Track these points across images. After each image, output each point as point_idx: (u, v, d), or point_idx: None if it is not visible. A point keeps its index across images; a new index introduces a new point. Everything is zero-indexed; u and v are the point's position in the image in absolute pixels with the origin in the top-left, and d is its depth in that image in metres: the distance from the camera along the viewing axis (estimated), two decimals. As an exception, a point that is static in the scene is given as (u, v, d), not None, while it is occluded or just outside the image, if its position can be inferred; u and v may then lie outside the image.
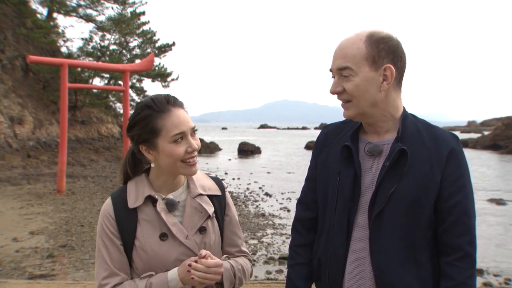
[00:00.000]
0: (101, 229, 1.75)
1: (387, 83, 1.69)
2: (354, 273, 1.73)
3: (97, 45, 26.93)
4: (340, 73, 1.70)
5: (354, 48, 1.67)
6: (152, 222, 1.75)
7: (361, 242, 1.73)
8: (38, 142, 21.25)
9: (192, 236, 1.78)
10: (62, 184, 13.48)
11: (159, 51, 27.80)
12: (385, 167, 1.68)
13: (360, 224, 1.73)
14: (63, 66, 13.76)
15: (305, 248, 1.95)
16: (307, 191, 1.99)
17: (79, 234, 8.63)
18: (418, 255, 1.67)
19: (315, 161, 1.96)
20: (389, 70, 1.67)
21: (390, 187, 1.65)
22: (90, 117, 26.80)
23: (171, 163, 1.73)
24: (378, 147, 1.74)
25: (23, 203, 11.76)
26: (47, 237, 8.40)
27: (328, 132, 1.97)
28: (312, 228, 1.96)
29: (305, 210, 1.99)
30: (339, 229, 1.76)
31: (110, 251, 1.73)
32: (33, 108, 21.93)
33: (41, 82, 24.37)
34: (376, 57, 1.66)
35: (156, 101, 1.73)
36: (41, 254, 7.28)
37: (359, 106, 1.70)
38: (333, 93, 1.74)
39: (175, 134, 1.69)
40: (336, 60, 1.71)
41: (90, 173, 18.72)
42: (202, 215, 1.83)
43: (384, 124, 1.76)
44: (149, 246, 1.72)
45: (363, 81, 1.67)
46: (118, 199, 1.79)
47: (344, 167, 1.77)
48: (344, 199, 1.75)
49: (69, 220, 9.80)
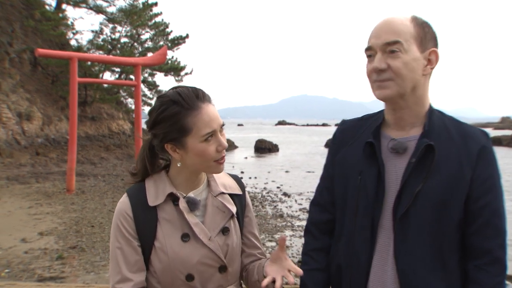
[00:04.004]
0: (117, 228, 1.72)
1: (431, 68, 1.68)
2: (378, 279, 1.71)
3: (108, 38, 27.21)
4: (385, 49, 1.65)
5: (402, 24, 1.64)
6: (173, 221, 1.72)
7: (386, 247, 1.70)
8: (47, 139, 21.52)
9: (215, 237, 1.75)
10: (71, 183, 13.61)
11: (172, 43, 27.88)
12: (410, 164, 1.65)
13: (385, 226, 1.70)
14: (72, 60, 13.87)
15: (320, 253, 1.93)
16: (323, 191, 1.97)
17: (90, 235, 8.70)
18: (446, 259, 1.65)
19: (332, 159, 1.94)
20: (435, 54, 1.67)
21: (416, 186, 1.62)
22: (100, 113, 27.05)
23: (200, 162, 1.71)
24: (403, 143, 1.71)
25: (31, 202, 11.90)
26: (57, 238, 8.49)
27: (345, 129, 1.95)
28: (328, 232, 1.94)
29: (320, 212, 1.96)
30: (362, 232, 1.73)
31: (126, 253, 1.69)
32: (41, 104, 22.20)
33: (50, 76, 24.65)
34: (423, 39, 1.65)
35: (185, 97, 1.67)
36: (51, 256, 7.36)
37: (402, 86, 1.65)
38: (376, 70, 1.67)
39: (205, 133, 1.66)
40: (383, 34, 1.65)
41: (100, 171, 18.84)
42: (225, 215, 1.80)
43: (410, 117, 1.73)
44: (170, 247, 1.69)
45: (412, 60, 1.64)
46: (136, 197, 1.75)
47: (366, 166, 1.75)
48: (367, 200, 1.72)
49: (79, 220, 9.89)
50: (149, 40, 28.23)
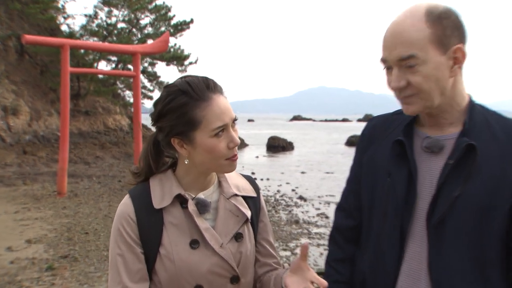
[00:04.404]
0: (118, 233, 1.71)
1: (459, 67, 1.64)
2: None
3: (103, 23, 27.26)
4: (402, 64, 1.62)
5: (414, 30, 1.59)
6: (180, 226, 1.71)
7: (417, 256, 1.70)
8: (35, 136, 21.64)
9: (227, 244, 1.74)
10: (63, 185, 13.65)
11: (175, 29, 27.93)
12: (448, 165, 1.64)
13: (416, 234, 1.70)
14: (64, 48, 13.91)
15: (345, 263, 1.94)
16: (348, 195, 1.98)
17: (83, 243, 8.73)
18: (488, 272, 1.63)
19: (359, 159, 1.94)
20: (460, 52, 1.62)
21: (454, 190, 1.61)
22: (95, 107, 27.16)
23: (210, 160, 1.70)
24: (439, 142, 1.70)
25: (18, 206, 11.96)
26: (46, 246, 8.51)
27: (375, 125, 1.95)
28: (353, 239, 1.95)
29: (345, 217, 1.97)
30: (390, 240, 1.74)
31: (127, 260, 1.69)
32: (29, 97, 22.31)
33: (39, 66, 24.76)
34: (442, 38, 1.59)
35: (194, 86, 1.67)
36: (40, 266, 7.38)
37: (428, 99, 1.64)
38: (396, 89, 1.68)
39: (216, 127, 1.65)
40: (395, 48, 1.62)
41: (95, 172, 18.90)
42: (239, 219, 1.80)
43: (448, 115, 1.72)
44: (177, 255, 1.68)
45: (433, 70, 1.60)
46: (140, 198, 1.75)
47: (395, 167, 1.75)
48: (396, 204, 1.73)
49: (71, 226, 9.93)
50: (149, 26, 28.32)
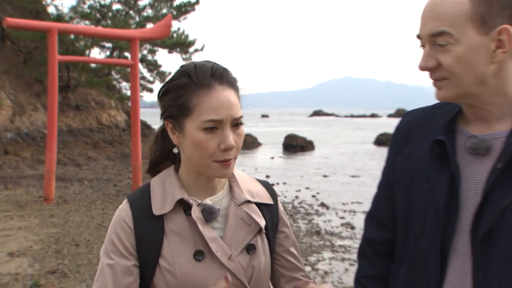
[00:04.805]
0: (111, 241, 1.73)
1: (503, 52, 1.59)
2: None
3: (96, 4, 27.44)
4: (434, 41, 1.62)
5: (453, 3, 1.57)
6: (183, 235, 1.72)
7: (461, 274, 1.67)
8: (18, 134, 21.79)
9: (237, 257, 1.74)
10: (50, 190, 13.74)
11: (178, 12, 28.07)
12: (496, 169, 1.60)
13: (459, 248, 1.67)
14: (51, 33, 13.96)
15: (376, 281, 1.94)
16: (380, 202, 1.98)
17: (73, 256, 8.78)
18: None
19: (392, 161, 1.94)
20: (506, 33, 1.56)
21: (503, 199, 1.57)
22: (87, 101, 27.33)
23: (196, 156, 1.71)
24: (486, 142, 1.66)
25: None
26: (31, 259, 8.58)
27: (411, 121, 1.94)
28: (386, 254, 1.95)
29: (378, 228, 1.97)
30: (429, 255, 1.72)
31: (117, 273, 1.68)
32: (11, 89, 22.48)
33: (22, 53, 24.97)
34: (486, 15, 1.56)
35: (198, 70, 1.70)
36: (24, 283, 7.44)
37: (461, 85, 1.62)
38: (423, 69, 1.67)
39: (207, 120, 1.65)
40: (428, 22, 1.62)
41: (87, 175, 19.09)
42: (251, 228, 1.80)
43: (495, 108, 1.68)
44: (179, 268, 1.68)
45: (468, 51, 1.58)
46: (139, 203, 1.77)
47: (435, 170, 1.73)
48: (436, 214, 1.70)
49: (60, 237, 9.99)
50: (149, 8, 28.52)
